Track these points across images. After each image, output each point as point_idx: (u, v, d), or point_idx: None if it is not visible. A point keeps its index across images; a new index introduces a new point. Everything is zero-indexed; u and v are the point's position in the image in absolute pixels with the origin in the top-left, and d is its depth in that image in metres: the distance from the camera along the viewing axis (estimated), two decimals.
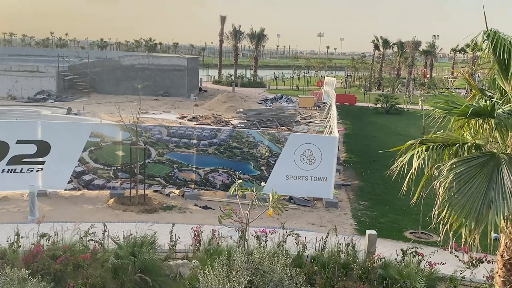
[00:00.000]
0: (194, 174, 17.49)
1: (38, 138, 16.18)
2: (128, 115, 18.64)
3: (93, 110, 38.34)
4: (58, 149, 16.32)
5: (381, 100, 46.42)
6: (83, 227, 11.61)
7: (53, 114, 34.57)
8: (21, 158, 16.02)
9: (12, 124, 18.14)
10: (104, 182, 17.03)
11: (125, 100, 43.98)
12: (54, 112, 36.13)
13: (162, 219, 14.90)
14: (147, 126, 18.19)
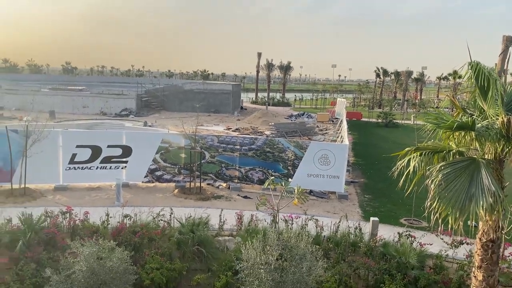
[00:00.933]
0: (237, 171, 17.46)
1: (123, 143, 16.42)
2: (188, 127, 18.81)
3: (163, 123, 38.83)
4: (138, 151, 16.52)
5: (381, 116, 45.49)
6: (155, 210, 11.72)
7: (133, 126, 35.18)
8: (110, 158, 16.26)
9: (104, 133, 18.52)
10: (171, 177, 17.13)
11: (186, 116, 44.40)
12: (134, 124, 36.75)
13: (213, 205, 14.91)
14: (202, 135, 18.26)
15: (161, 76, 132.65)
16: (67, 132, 16.78)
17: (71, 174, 15.84)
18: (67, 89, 51.36)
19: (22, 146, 14.52)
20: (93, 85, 60.85)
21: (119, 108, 47.09)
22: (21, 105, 46.61)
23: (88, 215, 11.24)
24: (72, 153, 15.74)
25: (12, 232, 9.74)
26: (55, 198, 14.70)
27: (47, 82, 64.06)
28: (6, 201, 13.72)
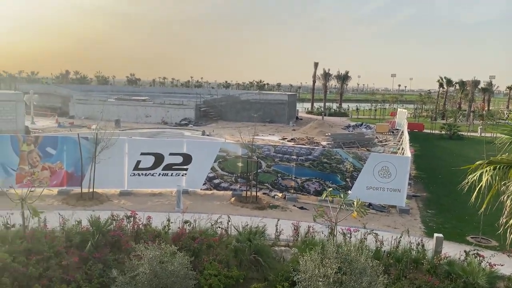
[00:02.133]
0: (293, 182, 17.41)
1: (184, 151, 16.97)
2: (245, 137, 19.09)
3: (220, 133, 39.73)
4: (197, 160, 17.02)
5: (445, 128, 43.34)
6: (213, 217, 11.94)
7: (192, 135, 36.32)
8: (171, 166, 16.85)
9: (167, 141, 19.26)
10: (228, 185, 17.44)
11: (242, 125, 45.02)
12: (193, 133, 37.92)
13: (269, 214, 14.91)
14: (259, 145, 18.43)
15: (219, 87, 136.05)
16: (133, 140, 17.68)
17: (135, 180, 16.64)
18: (131, 99, 54.05)
19: (91, 153, 15.51)
20: (155, 95, 63.62)
21: (179, 118, 48.85)
22: (90, 114, 49.86)
23: (151, 220, 11.69)
24: (137, 160, 16.54)
25: (82, 233, 10.37)
26: (120, 202, 15.49)
27: (113, 92, 67.97)
28: (77, 204, 14.69)
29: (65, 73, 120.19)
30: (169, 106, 50.21)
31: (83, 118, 49.15)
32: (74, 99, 53.20)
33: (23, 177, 15.55)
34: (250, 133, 18.55)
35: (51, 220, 10.72)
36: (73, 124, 43.08)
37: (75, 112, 51.55)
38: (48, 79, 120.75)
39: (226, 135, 37.21)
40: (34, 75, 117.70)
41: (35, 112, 45.46)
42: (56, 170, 16.00)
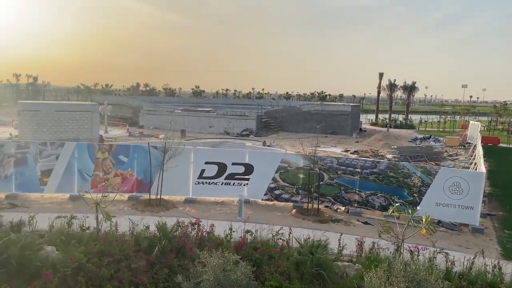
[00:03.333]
0: (357, 195, 16.95)
1: (246, 161, 17.20)
2: (306, 148, 18.93)
3: (280, 144, 39.81)
4: (259, 170, 17.16)
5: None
6: (274, 228, 11.95)
7: (253, 145, 36.78)
8: (234, 175, 17.14)
9: (230, 151, 19.65)
10: (289, 196, 17.35)
11: (303, 137, 44.76)
12: (254, 144, 38.39)
13: (331, 228, 14.61)
14: (321, 157, 18.19)
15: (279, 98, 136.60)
16: (198, 150, 18.23)
17: (199, 188, 17.12)
18: (196, 111, 55.95)
19: (160, 161, 16.22)
20: (218, 106, 65.33)
21: (241, 128, 49.71)
22: (158, 124, 52.31)
23: (214, 228, 11.93)
24: (201, 169, 17.03)
25: (149, 238, 10.81)
26: (185, 209, 16.00)
27: (180, 104, 70.82)
28: (145, 209, 15.39)
29: (136, 86, 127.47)
30: (231, 117, 51.31)
31: (152, 127, 51.69)
32: (144, 110, 56.11)
33: (98, 182, 16.62)
34: (311, 144, 18.35)
35: (121, 224, 11.29)
36: (142, 133, 45.42)
37: (145, 122, 54.34)
38: (121, 91, 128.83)
39: (286, 146, 37.19)
40: (108, 87, 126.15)
41: (109, 122, 48.56)
42: (127, 176, 16.93)
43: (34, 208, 14.77)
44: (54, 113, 33.19)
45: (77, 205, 15.26)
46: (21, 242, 9.07)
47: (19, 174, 16.45)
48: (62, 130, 33.15)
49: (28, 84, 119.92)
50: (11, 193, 16.31)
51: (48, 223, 11.27)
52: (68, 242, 9.97)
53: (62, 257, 9.19)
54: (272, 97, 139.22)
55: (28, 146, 16.70)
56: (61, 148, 16.72)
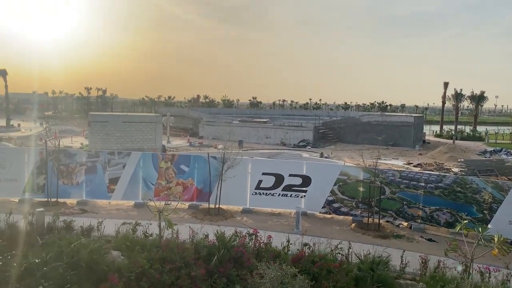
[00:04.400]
0: (421, 211, 16.12)
1: (303, 173, 17.03)
2: (366, 160, 18.38)
3: (338, 155, 39.10)
4: (317, 182, 16.91)
5: None
6: (333, 242, 11.69)
7: (310, 156, 36.43)
8: (291, 187, 17.02)
9: (287, 163, 19.59)
10: (348, 210, 16.91)
11: (362, 148, 43.69)
12: (311, 155, 38.01)
13: (392, 244, 14.01)
14: (383, 170, 17.57)
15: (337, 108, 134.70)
16: (255, 161, 18.38)
17: (256, 198, 17.21)
18: (253, 121, 56.61)
19: (219, 171, 16.53)
20: (275, 117, 65.72)
21: (297, 139, 49.53)
22: (217, 134, 53.55)
23: (271, 239, 11.90)
24: (259, 180, 17.11)
25: (209, 247, 10.99)
26: (243, 219, 16.13)
27: (237, 115, 72.10)
28: (204, 218, 15.71)
29: (196, 98, 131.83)
30: (288, 127, 51.31)
31: (211, 138, 53.03)
32: (203, 121, 57.76)
33: (160, 191, 17.26)
34: (371, 156, 17.77)
35: (182, 232, 11.59)
36: (202, 143, 46.71)
37: (204, 133, 55.90)
38: (182, 103, 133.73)
39: (345, 157, 36.43)
40: (171, 99, 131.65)
41: (170, 133, 50.51)
42: (188, 186, 17.43)
43: (102, 214, 15.63)
44: (121, 124, 35.13)
45: (141, 212, 15.95)
46: (90, 246, 9.58)
47: (89, 182, 17.52)
48: (128, 140, 34.97)
49: (98, 96, 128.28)
50: (82, 199, 17.41)
51: (114, 228, 11.85)
52: (133, 247, 10.40)
53: (127, 262, 9.59)
54: (330, 108, 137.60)
55: (98, 155, 17.77)
56: (127, 157, 17.61)
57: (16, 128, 60.29)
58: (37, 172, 17.33)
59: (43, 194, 17.21)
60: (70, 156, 17.65)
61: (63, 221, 12.05)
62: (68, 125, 67.14)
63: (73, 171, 17.44)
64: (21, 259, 8.83)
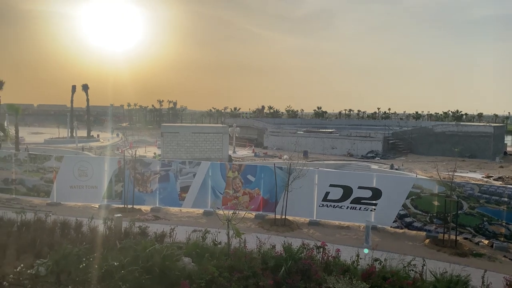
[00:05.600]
0: (504, 228, 14.90)
1: (373, 185, 16.50)
2: (441, 172, 17.40)
3: (409, 167, 37.42)
4: (387, 195, 16.30)
5: None
6: (405, 259, 11.18)
7: (379, 168, 35.21)
8: (360, 199, 16.56)
9: (356, 174, 19.11)
10: (421, 225, 16.05)
11: (435, 160, 41.57)
12: (380, 167, 36.74)
13: (471, 263, 13.08)
14: (460, 183, 16.50)
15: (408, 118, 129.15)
16: (322, 171, 18.14)
17: (323, 211, 16.96)
18: (319, 132, 56.08)
19: (285, 182, 16.57)
20: (341, 127, 64.56)
21: (365, 150, 48.20)
22: (281, 145, 53.75)
23: (339, 253, 11.65)
24: (326, 191, 16.87)
25: (276, 258, 11.01)
26: (309, 231, 15.96)
27: (302, 125, 71.93)
28: (271, 229, 15.79)
29: (261, 108, 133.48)
30: (355, 138, 50.16)
31: (275, 148, 53.33)
32: (268, 132, 58.30)
33: (228, 200, 17.66)
34: (446, 168, 16.83)
35: (249, 242, 11.74)
36: (266, 154, 47.13)
37: (269, 143, 56.37)
38: (247, 114, 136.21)
39: (417, 169, 34.75)
40: (236, 110, 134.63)
41: (236, 143, 51.60)
42: (254, 195, 17.65)
43: (174, 221, 16.32)
44: (191, 135, 36.57)
45: (209, 220, 16.42)
46: (163, 252, 10.03)
47: (162, 189, 18.41)
48: (197, 150, 36.29)
49: (169, 108, 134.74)
50: (155, 206, 18.32)
51: (185, 235, 12.31)
52: (203, 255, 10.72)
53: (197, 269, 9.90)
54: (400, 117, 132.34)
55: (170, 165, 18.63)
56: (197, 166, 18.27)
57: (96, 139, 65.09)
58: (115, 180, 18.57)
59: (120, 200, 18.37)
60: (145, 165, 18.71)
61: (138, 227, 12.75)
62: (142, 135, 71.19)
63: (148, 179, 18.44)
64: (101, 261, 9.47)
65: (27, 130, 73.85)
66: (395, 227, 16.42)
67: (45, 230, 12.37)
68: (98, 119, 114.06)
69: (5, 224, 12.82)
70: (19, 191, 19.44)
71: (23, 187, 19.40)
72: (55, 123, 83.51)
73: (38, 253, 10.51)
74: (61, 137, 62.08)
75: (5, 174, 19.72)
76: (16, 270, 9.31)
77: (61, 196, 18.82)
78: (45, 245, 11.01)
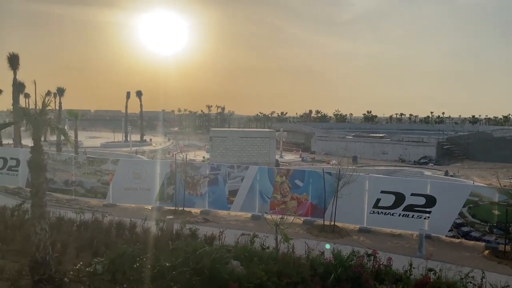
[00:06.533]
0: None
1: (427, 192, 15.85)
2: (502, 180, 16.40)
3: (466, 174, 35.62)
4: (442, 203, 15.57)
5: None
6: (462, 270, 10.64)
7: (433, 174, 33.80)
8: (413, 207, 15.95)
9: (408, 181, 18.49)
10: (480, 235, 15.17)
11: (494, 167, 39.26)
12: (434, 173, 35.27)
13: None
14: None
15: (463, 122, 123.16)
16: (373, 177, 17.69)
17: (374, 218, 16.51)
18: (368, 136, 54.81)
19: (334, 187, 16.32)
20: (392, 132, 62.74)
21: (418, 156, 46.48)
22: (329, 150, 53.05)
23: (391, 261, 11.29)
24: (377, 198, 16.42)
25: (325, 264, 10.86)
26: (359, 239, 15.60)
27: (351, 130, 70.63)
28: (319, 235, 15.59)
29: (308, 113, 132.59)
30: (407, 143, 48.56)
31: (323, 153, 52.72)
32: (316, 136, 57.79)
33: (276, 205, 17.67)
34: (507, 176, 15.85)
35: (297, 247, 11.65)
36: (314, 158, 46.72)
37: (316, 148, 55.85)
38: (294, 118, 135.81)
39: (474, 176, 32.96)
40: (283, 115, 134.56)
41: (283, 147, 51.56)
42: (302, 201, 17.53)
43: (222, 224, 16.56)
44: (239, 139, 37.02)
45: (257, 224, 16.50)
46: (213, 255, 10.19)
47: (211, 193, 18.76)
48: (245, 155, 36.65)
49: (217, 113, 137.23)
50: (205, 209, 18.70)
51: (234, 239, 12.46)
52: (251, 258, 10.78)
53: (246, 273, 9.97)
54: (455, 121, 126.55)
55: (219, 168, 18.96)
56: (245, 170, 18.46)
57: (148, 143, 67.59)
58: (167, 182, 19.17)
59: (171, 202, 18.93)
60: (195, 168, 19.18)
61: (189, 229, 13.07)
62: (191, 140, 73.01)
63: (198, 183, 18.87)
64: (154, 261, 9.79)
65: (84, 135, 78.01)
66: (451, 236, 15.65)
67: (102, 230, 12.99)
68: (150, 124, 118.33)
69: (66, 224, 13.61)
70: (78, 192, 20.57)
71: (82, 189, 20.50)
72: (111, 127, 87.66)
73: (96, 252, 11.05)
74: (116, 141, 65.04)
75: (65, 176, 20.94)
76: (75, 268, 9.84)
77: (116, 198, 19.70)
78: (102, 244, 11.56)
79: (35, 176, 9.30)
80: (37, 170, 9.27)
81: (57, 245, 10.91)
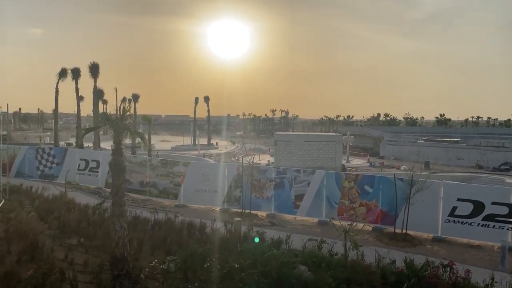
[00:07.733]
0: None
1: (510, 202, 14.69)
2: None
3: None
4: None
5: None
6: None
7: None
8: (494, 216, 14.86)
9: (489, 188, 17.26)
10: None
11: None
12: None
13: None
14: None
15: None
16: (449, 184, 16.72)
17: (450, 227, 15.58)
18: (442, 141, 51.97)
19: (406, 194, 15.65)
20: (468, 136, 58.98)
21: (498, 162, 43.19)
22: (399, 154, 50.97)
23: (470, 274, 10.59)
24: (453, 206, 15.49)
25: (397, 274, 10.44)
26: (433, 248, 14.79)
27: (422, 134, 67.34)
28: (389, 243, 15.02)
29: (376, 116, 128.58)
30: (486, 148, 45.33)
31: (392, 158, 50.77)
32: (384, 140, 55.84)
33: (343, 210, 17.31)
34: None
35: (367, 255, 11.33)
36: (383, 164, 45.16)
37: (385, 153, 53.92)
38: (361, 122, 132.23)
39: None
40: (349, 118, 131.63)
41: (350, 152, 50.39)
42: (372, 207, 17.00)
43: (288, 228, 16.53)
44: (303, 143, 36.85)
45: (324, 230, 16.27)
46: (280, 258, 10.21)
47: (277, 196, 18.85)
48: (309, 159, 36.39)
49: (281, 117, 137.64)
50: (271, 213, 18.83)
51: (300, 243, 12.38)
52: (319, 264, 10.66)
53: (313, 278, 9.86)
54: None
55: (285, 172, 19.00)
56: (312, 175, 18.31)
57: (215, 146, 69.55)
58: (234, 185, 19.58)
59: (238, 205, 19.30)
60: (261, 172, 19.40)
61: (256, 232, 13.20)
62: (256, 144, 73.94)
63: (264, 186, 19.05)
64: (223, 262, 10.02)
65: (156, 138, 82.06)
66: None
67: (174, 229, 13.56)
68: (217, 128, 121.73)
69: (141, 223, 14.38)
70: (152, 193, 21.68)
71: (155, 189, 21.59)
72: (180, 131, 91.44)
73: (169, 250, 11.55)
74: (185, 145, 67.72)
75: (140, 177, 22.18)
76: (150, 265, 10.35)
77: (187, 199, 20.48)
78: (174, 243, 12.07)
79: (115, 177, 9.93)
80: (118, 171, 9.89)
81: (133, 243, 11.55)
